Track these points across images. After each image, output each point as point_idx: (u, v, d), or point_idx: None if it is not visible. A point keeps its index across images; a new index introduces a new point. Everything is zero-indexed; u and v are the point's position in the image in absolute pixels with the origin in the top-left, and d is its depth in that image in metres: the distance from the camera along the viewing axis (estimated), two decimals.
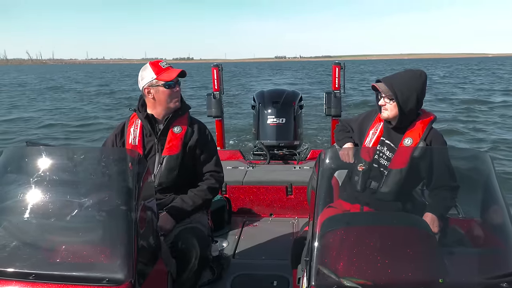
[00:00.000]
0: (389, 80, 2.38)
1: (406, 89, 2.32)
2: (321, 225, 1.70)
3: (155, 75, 2.45)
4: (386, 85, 2.36)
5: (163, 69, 2.48)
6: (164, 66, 2.49)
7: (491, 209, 1.89)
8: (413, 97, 2.32)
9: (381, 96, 2.41)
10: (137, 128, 2.59)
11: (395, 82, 2.35)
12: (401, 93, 2.31)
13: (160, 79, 2.46)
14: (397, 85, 2.33)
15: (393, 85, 2.33)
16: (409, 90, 2.32)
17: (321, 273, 1.58)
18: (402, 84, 2.33)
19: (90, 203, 1.83)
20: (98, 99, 25.08)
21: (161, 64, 2.50)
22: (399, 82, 2.34)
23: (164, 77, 2.46)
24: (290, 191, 4.00)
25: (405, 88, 2.32)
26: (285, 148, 4.99)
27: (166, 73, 2.47)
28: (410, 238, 1.79)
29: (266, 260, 3.18)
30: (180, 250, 2.23)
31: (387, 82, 2.36)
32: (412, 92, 2.32)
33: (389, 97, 2.35)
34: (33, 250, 1.72)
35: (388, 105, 2.37)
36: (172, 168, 2.51)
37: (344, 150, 2.36)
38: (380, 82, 2.41)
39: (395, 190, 2.28)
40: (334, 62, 5.09)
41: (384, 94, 2.38)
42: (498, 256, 1.74)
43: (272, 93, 5.26)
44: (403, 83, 2.34)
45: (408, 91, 2.32)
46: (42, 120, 16.56)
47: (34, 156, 1.97)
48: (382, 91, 2.38)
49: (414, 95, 2.32)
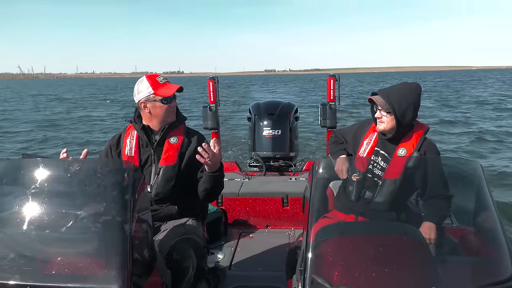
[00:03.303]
0: (386, 93, 2.38)
1: (404, 102, 2.32)
2: (315, 235, 1.71)
3: (153, 90, 2.45)
4: (383, 98, 2.36)
5: (161, 85, 2.49)
6: (161, 82, 2.49)
7: (483, 218, 1.91)
8: (410, 110, 2.33)
9: (377, 108, 2.41)
10: (133, 139, 2.59)
11: (392, 95, 2.35)
12: (398, 106, 2.31)
13: (158, 94, 2.46)
14: (394, 98, 2.33)
15: (390, 98, 2.34)
16: (406, 103, 2.33)
17: (315, 282, 1.58)
18: (399, 97, 2.34)
19: (86, 214, 1.83)
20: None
21: (159, 79, 2.50)
22: (396, 95, 2.35)
23: (161, 92, 2.46)
24: (286, 202, 4.01)
25: (403, 100, 2.32)
26: (281, 159, 5.00)
27: (163, 89, 2.48)
28: (403, 247, 1.80)
29: (262, 272, 3.17)
30: (176, 261, 2.23)
31: (384, 95, 2.36)
32: (409, 105, 2.33)
33: (386, 110, 2.35)
34: (28, 261, 1.72)
35: (385, 118, 2.38)
36: (169, 179, 2.51)
37: (338, 166, 2.36)
38: (377, 95, 2.41)
39: (389, 200, 2.29)
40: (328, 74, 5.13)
41: (381, 107, 2.38)
42: (491, 264, 1.76)
43: (267, 105, 5.29)
44: (400, 95, 2.34)
45: (405, 103, 2.32)
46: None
47: (29, 168, 1.97)
48: (379, 104, 2.37)
49: (411, 107, 2.34)
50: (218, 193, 2.66)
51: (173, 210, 2.55)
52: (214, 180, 2.45)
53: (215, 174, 2.42)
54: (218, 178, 2.47)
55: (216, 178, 2.44)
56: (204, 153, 2.26)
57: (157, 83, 2.48)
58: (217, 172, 2.43)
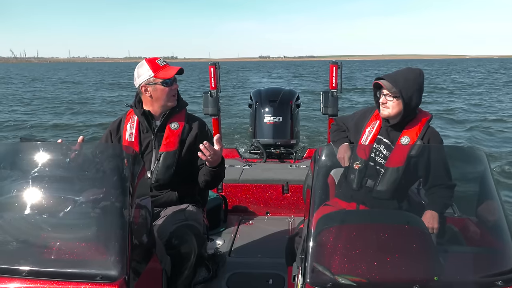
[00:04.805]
0: (393, 77, 2.36)
1: (410, 86, 2.31)
2: (316, 223, 1.69)
3: (153, 72, 2.43)
4: (391, 83, 2.33)
5: (161, 67, 2.46)
6: (161, 64, 2.48)
7: (487, 207, 1.88)
8: (416, 94, 2.32)
9: (381, 94, 2.39)
10: (133, 124, 2.57)
11: (398, 79, 2.33)
12: (406, 90, 2.30)
13: (158, 76, 2.44)
14: (401, 83, 2.31)
15: (398, 82, 2.31)
16: (413, 87, 2.31)
17: (316, 270, 1.57)
18: (406, 81, 2.32)
19: (84, 199, 1.81)
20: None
21: (158, 61, 2.48)
22: (403, 79, 2.33)
23: (162, 74, 2.44)
24: (287, 189, 4.00)
25: (409, 85, 2.31)
26: (281, 146, 4.98)
27: (163, 71, 2.46)
28: (405, 236, 1.79)
29: (261, 259, 3.17)
30: (175, 247, 2.22)
31: (391, 80, 2.34)
32: (415, 89, 2.32)
33: (393, 94, 2.33)
34: (26, 246, 1.70)
35: (390, 103, 2.35)
36: (170, 165, 2.49)
37: (340, 154, 2.34)
38: (382, 79, 2.38)
39: (391, 189, 2.27)
40: (331, 61, 5.07)
41: (387, 92, 2.35)
42: (493, 254, 1.74)
43: (269, 92, 5.25)
44: (406, 79, 2.32)
45: (412, 88, 2.31)
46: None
47: (28, 152, 1.95)
48: (387, 88, 2.35)
49: (417, 92, 2.32)
50: (217, 183, 2.66)
51: (173, 196, 2.54)
52: (214, 174, 2.44)
53: (215, 169, 2.41)
54: (218, 172, 2.46)
55: (216, 172, 2.43)
56: (206, 151, 2.24)
57: (157, 65, 2.46)
58: (217, 168, 2.41)
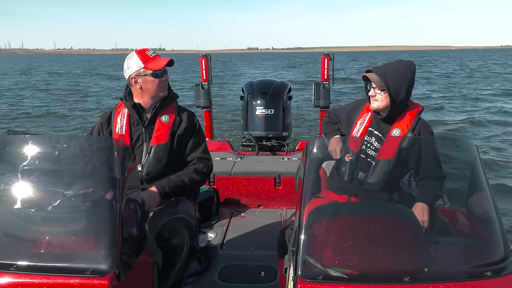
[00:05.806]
0: (381, 70, 2.34)
1: (398, 80, 2.29)
2: (308, 215, 1.69)
3: (143, 64, 2.41)
4: (378, 76, 2.32)
5: (151, 58, 2.44)
6: (151, 55, 2.45)
7: (477, 198, 1.90)
8: (404, 88, 2.30)
9: (371, 86, 2.38)
10: (124, 117, 2.55)
11: (387, 73, 2.31)
12: (393, 84, 2.28)
13: (148, 68, 2.41)
14: (389, 76, 2.30)
15: (385, 76, 2.30)
16: (400, 81, 2.29)
17: (307, 263, 1.57)
18: (393, 74, 2.30)
19: (74, 193, 1.80)
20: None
21: (148, 52, 2.46)
22: (391, 72, 2.31)
23: (152, 66, 2.42)
24: (279, 182, 4.00)
25: (397, 78, 2.29)
26: (273, 139, 4.98)
27: (153, 62, 2.43)
28: (396, 228, 1.79)
29: (254, 251, 3.17)
30: (166, 240, 2.21)
31: (379, 73, 2.33)
32: (403, 83, 2.30)
33: (381, 87, 2.32)
34: (15, 241, 1.68)
35: (379, 96, 2.34)
36: (160, 158, 2.48)
37: (331, 146, 2.33)
38: (371, 72, 2.37)
39: (382, 181, 2.28)
40: (323, 53, 5.06)
41: (375, 85, 2.34)
42: (483, 245, 1.76)
43: (261, 84, 5.23)
44: (394, 72, 2.31)
45: (399, 81, 2.29)
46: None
47: (15, 144, 1.92)
48: (374, 81, 2.34)
49: (405, 85, 2.30)
50: (201, 184, 2.71)
51: None
52: (178, 188, 2.48)
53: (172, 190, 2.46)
54: (185, 189, 2.52)
55: (178, 189, 2.48)
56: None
57: (147, 56, 2.43)
58: (171, 196, 2.48)
